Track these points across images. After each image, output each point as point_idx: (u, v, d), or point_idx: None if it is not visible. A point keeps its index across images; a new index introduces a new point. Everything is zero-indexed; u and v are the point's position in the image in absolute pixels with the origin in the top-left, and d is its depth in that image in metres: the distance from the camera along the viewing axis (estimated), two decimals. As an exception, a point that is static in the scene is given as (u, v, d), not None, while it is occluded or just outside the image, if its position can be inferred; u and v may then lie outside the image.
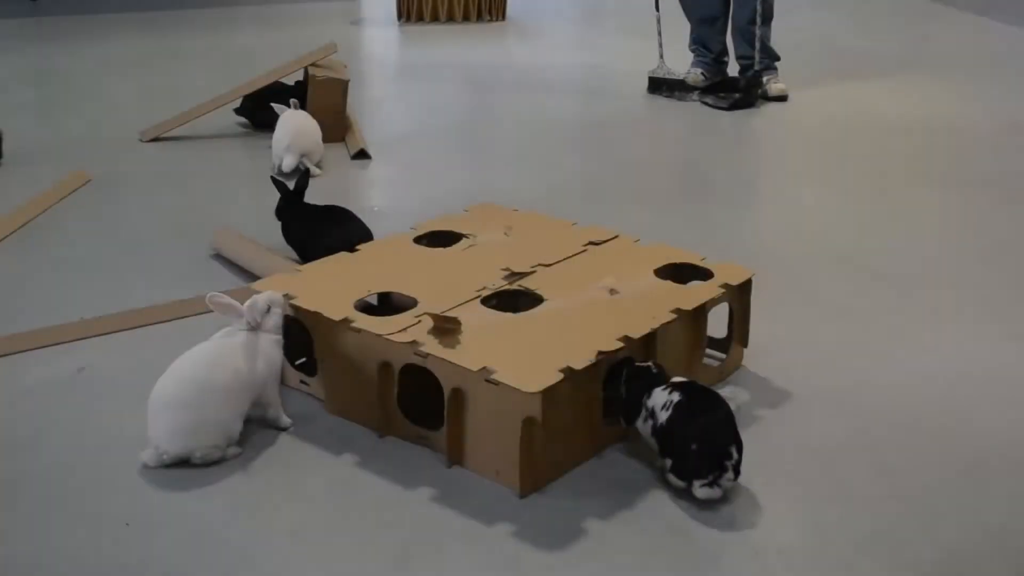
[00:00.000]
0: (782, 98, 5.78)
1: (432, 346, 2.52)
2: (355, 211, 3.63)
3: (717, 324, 2.91)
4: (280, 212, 3.62)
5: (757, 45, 5.74)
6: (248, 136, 5.13)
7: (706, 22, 5.97)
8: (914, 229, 4.05)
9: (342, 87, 5.05)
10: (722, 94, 5.78)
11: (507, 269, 2.91)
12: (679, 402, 2.40)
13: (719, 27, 5.96)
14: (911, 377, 2.96)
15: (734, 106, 5.66)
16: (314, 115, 4.91)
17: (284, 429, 2.68)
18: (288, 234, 3.62)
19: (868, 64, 6.71)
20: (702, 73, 6.01)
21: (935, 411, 2.79)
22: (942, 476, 2.51)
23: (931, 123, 5.44)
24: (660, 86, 5.98)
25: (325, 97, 5.02)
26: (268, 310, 2.66)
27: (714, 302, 2.82)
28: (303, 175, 3.64)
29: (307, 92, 5.07)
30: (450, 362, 2.47)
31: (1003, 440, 2.66)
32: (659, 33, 6.02)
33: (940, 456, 2.59)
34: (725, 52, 6.02)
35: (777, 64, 5.90)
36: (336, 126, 5.07)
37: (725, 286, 2.86)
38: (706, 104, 5.76)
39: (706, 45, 6.00)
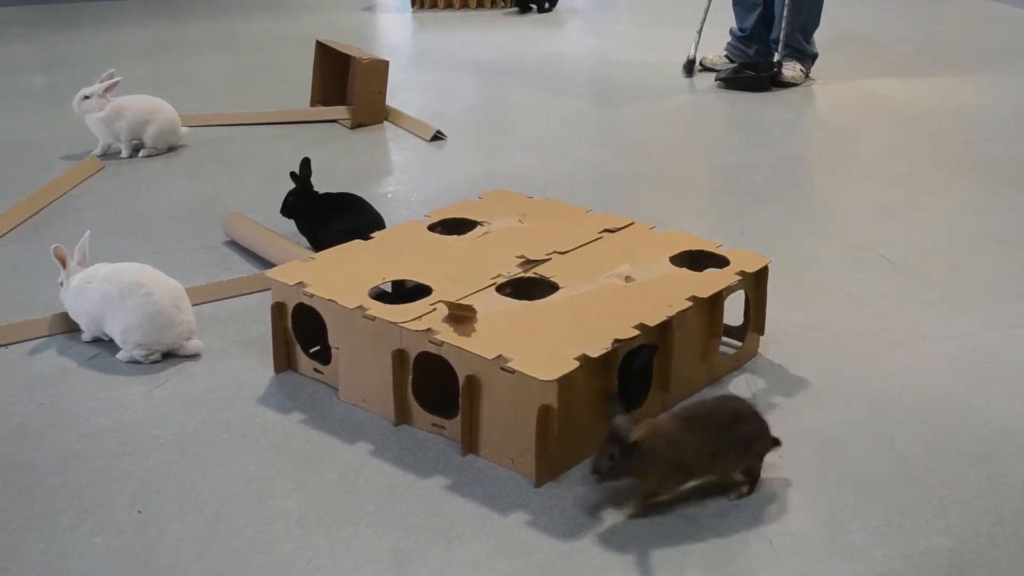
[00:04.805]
0: (793, 84, 5.76)
1: (447, 334, 2.52)
2: (368, 198, 3.62)
3: (733, 312, 2.90)
4: (290, 209, 3.61)
5: (781, 36, 5.72)
6: (261, 125, 5.13)
7: (738, 2, 5.99)
8: (928, 216, 4.03)
9: (385, 68, 5.05)
10: (727, 73, 5.77)
11: (522, 256, 2.91)
12: None
13: (747, 5, 5.96)
14: (926, 364, 2.95)
15: (730, 84, 5.67)
16: (358, 98, 4.93)
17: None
18: (301, 223, 3.61)
19: (880, 50, 6.68)
20: (726, 55, 6.02)
21: (950, 398, 2.78)
22: (956, 463, 2.50)
23: (944, 109, 5.41)
24: (693, 67, 6.00)
25: (370, 79, 5.02)
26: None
27: (730, 290, 2.80)
28: (304, 164, 3.61)
29: (347, 74, 5.08)
30: (465, 350, 2.47)
31: (1018, 427, 2.65)
32: (705, 11, 6.02)
33: (954, 443, 2.58)
34: (756, 35, 5.99)
35: (802, 57, 5.85)
36: (378, 108, 5.07)
37: (741, 273, 2.84)
38: (718, 83, 5.76)
39: (739, 25, 6.02)
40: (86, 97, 4.52)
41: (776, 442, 2.41)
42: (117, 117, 4.56)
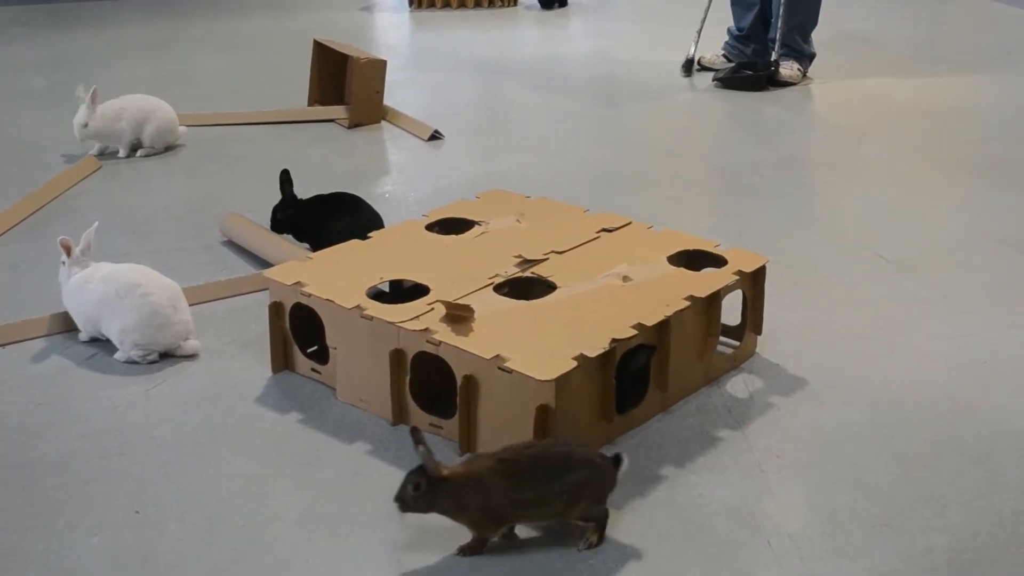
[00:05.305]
0: (790, 83, 5.75)
1: (445, 334, 2.51)
2: (366, 198, 3.62)
3: (731, 311, 2.90)
4: (281, 224, 3.59)
5: (778, 35, 5.72)
6: (259, 125, 5.12)
7: (736, 1, 5.99)
8: (928, 215, 4.03)
9: (383, 68, 5.05)
10: (725, 73, 5.77)
11: (519, 256, 2.90)
12: None
13: (745, 5, 5.95)
14: (924, 364, 2.94)
15: (727, 84, 5.67)
16: (356, 97, 4.94)
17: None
18: (298, 233, 3.58)
19: (880, 50, 6.68)
20: (724, 55, 6.01)
21: (948, 398, 2.77)
22: (956, 463, 2.50)
23: (944, 109, 5.41)
24: (691, 67, 6.00)
25: (367, 79, 5.01)
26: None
27: (728, 289, 2.80)
28: (284, 176, 3.58)
29: (345, 74, 5.08)
30: (463, 350, 2.46)
31: (1016, 427, 2.65)
32: (706, 10, 6.01)
33: (954, 443, 2.58)
34: (754, 35, 5.99)
35: (799, 57, 5.85)
36: (376, 108, 5.07)
37: (739, 273, 2.84)
38: (715, 83, 5.76)
39: (736, 24, 6.02)
40: (85, 125, 4.48)
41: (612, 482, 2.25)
42: (117, 119, 4.55)
